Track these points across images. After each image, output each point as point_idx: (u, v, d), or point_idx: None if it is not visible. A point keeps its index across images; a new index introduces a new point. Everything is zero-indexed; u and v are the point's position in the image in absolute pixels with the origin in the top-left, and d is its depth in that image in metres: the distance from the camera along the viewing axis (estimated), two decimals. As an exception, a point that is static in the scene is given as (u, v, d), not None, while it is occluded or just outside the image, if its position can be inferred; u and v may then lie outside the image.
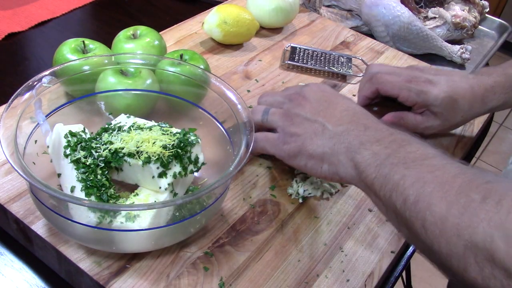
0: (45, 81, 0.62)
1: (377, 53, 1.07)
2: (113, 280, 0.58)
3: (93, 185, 0.57)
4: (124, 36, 0.83)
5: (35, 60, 0.95)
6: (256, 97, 0.88)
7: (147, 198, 0.59)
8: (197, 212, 0.59)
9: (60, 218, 0.55)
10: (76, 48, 0.76)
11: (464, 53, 1.14)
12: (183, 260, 0.61)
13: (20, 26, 1.01)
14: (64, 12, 1.07)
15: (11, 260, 0.63)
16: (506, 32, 1.30)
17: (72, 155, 0.58)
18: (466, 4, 1.23)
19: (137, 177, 0.60)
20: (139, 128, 0.61)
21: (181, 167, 0.60)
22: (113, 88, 0.70)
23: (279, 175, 0.75)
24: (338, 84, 0.96)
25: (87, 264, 0.58)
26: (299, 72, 0.97)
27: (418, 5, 1.24)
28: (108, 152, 0.58)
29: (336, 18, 1.19)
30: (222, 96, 0.67)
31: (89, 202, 0.54)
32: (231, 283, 0.60)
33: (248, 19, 0.98)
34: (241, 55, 0.98)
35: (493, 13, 1.87)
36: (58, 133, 0.60)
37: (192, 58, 0.79)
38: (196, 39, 1.00)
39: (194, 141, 0.61)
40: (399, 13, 1.10)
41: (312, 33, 1.10)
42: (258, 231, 0.67)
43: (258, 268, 0.62)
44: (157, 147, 0.58)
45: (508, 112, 2.93)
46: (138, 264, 0.60)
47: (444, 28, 1.18)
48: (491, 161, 2.59)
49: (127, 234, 0.56)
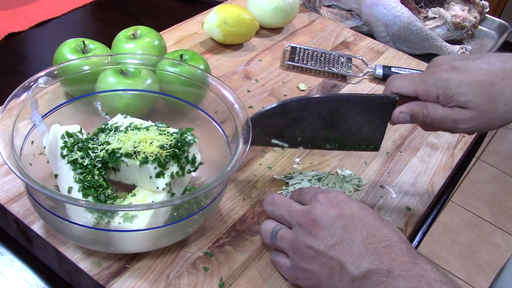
0: (41, 81, 0.62)
1: (377, 53, 1.07)
2: (113, 280, 0.58)
3: (91, 186, 0.57)
4: (124, 36, 0.83)
5: (35, 60, 0.95)
6: (256, 97, 0.89)
7: (144, 198, 0.59)
8: (195, 212, 0.59)
9: (58, 219, 0.55)
10: (76, 48, 0.76)
11: (464, 53, 1.14)
12: (183, 260, 0.61)
13: (20, 26, 1.01)
14: (64, 12, 1.07)
15: (11, 260, 0.63)
16: (506, 32, 1.30)
17: (69, 156, 0.58)
18: (466, 4, 1.23)
19: (134, 178, 0.60)
20: (136, 128, 0.61)
21: (178, 167, 0.60)
22: (113, 88, 0.70)
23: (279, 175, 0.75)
24: (338, 84, 0.96)
25: (87, 264, 0.59)
26: (299, 72, 0.97)
27: (418, 5, 1.24)
28: (105, 153, 0.58)
29: (336, 18, 1.19)
30: (220, 96, 0.67)
31: (86, 203, 0.54)
32: (231, 283, 0.60)
33: (248, 19, 0.98)
34: (241, 55, 0.98)
35: (493, 13, 1.86)
36: (54, 134, 0.60)
37: (192, 58, 0.79)
38: (196, 39, 1.00)
39: (191, 141, 0.61)
40: (399, 13, 1.10)
41: (312, 33, 1.10)
42: (258, 231, 0.67)
43: (258, 268, 0.62)
44: (154, 147, 0.58)
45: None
46: (138, 264, 0.60)
47: (444, 28, 1.18)
48: (491, 161, 2.59)
49: (125, 235, 0.56)
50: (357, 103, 0.68)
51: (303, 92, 0.92)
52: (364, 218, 0.57)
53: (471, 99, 0.62)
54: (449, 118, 0.64)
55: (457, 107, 0.63)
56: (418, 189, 0.78)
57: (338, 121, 0.69)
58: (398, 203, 0.75)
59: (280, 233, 0.59)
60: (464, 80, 0.62)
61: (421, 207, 0.75)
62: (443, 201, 0.82)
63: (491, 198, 2.38)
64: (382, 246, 0.54)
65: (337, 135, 0.71)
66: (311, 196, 0.60)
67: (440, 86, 0.63)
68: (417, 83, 0.65)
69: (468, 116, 0.63)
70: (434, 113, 0.64)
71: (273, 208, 0.61)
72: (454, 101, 0.63)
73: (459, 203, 2.33)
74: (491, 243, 2.17)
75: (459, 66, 0.63)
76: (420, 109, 0.65)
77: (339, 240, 0.55)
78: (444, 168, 0.82)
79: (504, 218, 2.29)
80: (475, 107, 0.62)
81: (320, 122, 0.69)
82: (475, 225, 2.24)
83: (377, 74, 0.98)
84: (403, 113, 0.66)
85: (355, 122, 0.70)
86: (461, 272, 2.03)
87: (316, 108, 0.68)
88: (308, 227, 0.57)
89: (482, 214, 2.29)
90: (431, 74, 0.64)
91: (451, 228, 2.21)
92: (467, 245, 2.14)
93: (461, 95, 0.62)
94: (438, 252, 2.09)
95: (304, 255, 0.57)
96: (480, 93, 0.62)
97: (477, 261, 2.08)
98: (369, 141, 0.72)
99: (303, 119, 0.69)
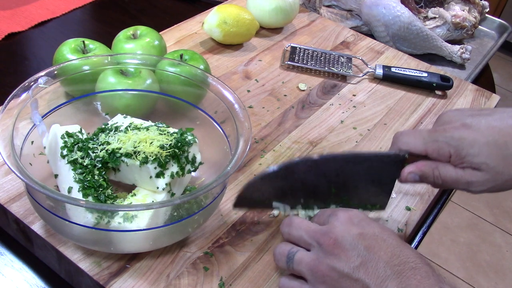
0: (41, 81, 0.62)
1: (377, 53, 1.07)
2: (113, 280, 0.58)
3: (91, 186, 0.57)
4: (124, 36, 0.83)
5: (35, 60, 0.95)
6: (256, 97, 0.89)
7: (144, 198, 0.59)
8: (195, 212, 0.59)
9: (58, 219, 0.55)
10: (76, 48, 0.77)
11: (464, 53, 1.14)
12: (183, 260, 0.61)
13: (20, 26, 1.01)
14: (64, 12, 1.07)
15: (11, 260, 0.63)
16: (506, 32, 1.30)
17: (69, 156, 0.58)
18: (466, 4, 1.23)
19: (134, 178, 0.60)
20: (136, 128, 0.61)
21: (178, 167, 0.60)
22: (113, 88, 0.70)
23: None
24: (338, 84, 0.96)
25: (87, 264, 0.59)
26: (299, 72, 0.97)
27: (418, 5, 1.24)
28: (105, 153, 0.58)
29: (336, 18, 1.19)
30: (220, 96, 0.67)
31: (86, 203, 0.54)
32: (231, 283, 0.60)
33: (248, 19, 0.98)
34: (241, 55, 0.98)
35: (493, 13, 1.86)
36: (54, 134, 0.60)
37: (192, 58, 0.80)
38: (196, 39, 1.00)
39: (191, 141, 0.61)
40: (399, 13, 1.10)
41: (312, 33, 1.10)
42: (258, 231, 0.67)
43: (258, 268, 0.62)
44: (155, 147, 0.58)
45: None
46: (138, 264, 0.60)
47: (444, 28, 1.18)
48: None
49: (125, 235, 0.56)
50: (364, 162, 0.64)
51: (303, 92, 0.92)
52: (386, 238, 0.54)
53: (485, 161, 0.59)
54: (462, 180, 0.61)
55: (470, 168, 0.60)
56: (418, 189, 0.78)
57: (344, 181, 0.65)
58: (398, 203, 0.75)
59: (298, 256, 0.56)
60: (477, 140, 0.59)
61: (421, 207, 0.75)
62: (443, 201, 0.82)
63: (491, 198, 2.38)
64: (407, 268, 0.52)
65: (342, 195, 0.67)
66: (328, 215, 0.58)
67: (453, 146, 0.60)
68: (427, 141, 0.62)
69: (482, 178, 0.60)
70: (446, 175, 0.61)
71: (290, 230, 0.58)
72: (466, 162, 0.60)
73: (459, 203, 2.33)
74: (491, 243, 2.17)
75: (471, 124, 0.60)
76: (431, 170, 0.62)
77: (364, 261, 0.52)
78: (444, 168, 0.82)
79: (504, 218, 2.29)
80: (488, 169, 0.59)
81: (325, 183, 0.65)
82: (475, 225, 2.24)
83: (377, 74, 0.98)
84: (412, 173, 0.63)
85: (362, 182, 0.66)
86: (461, 272, 2.03)
87: (321, 169, 0.64)
88: (329, 247, 0.54)
89: (482, 214, 2.29)
90: (442, 132, 0.61)
91: (451, 228, 2.21)
92: (467, 245, 2.14)
93: (474, 156, 0.59)
94: (438, 252, 2.09)
95: (325, 278, 0.53)
96: (494, 154, 0.59)
97: (477, 261, 2.08)
98: (375, 200, 0.68)
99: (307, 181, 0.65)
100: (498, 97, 1.02)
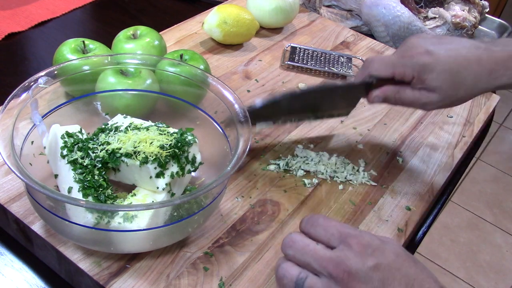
0: (41, 81, 0.62)
1: (377, 53, 1.07)
2: (113, 280, 0.58)
3: (91, 186, 0.57)
4: (124, 36, 0.83)
5: (35, 60, 0.95)
6: (256, 97, 0.89)
7: (144, 199, 0.59)
8: (195, 212, 0.59)
9: (58, 219, 0.55)
10: (76, 48, 0.77)
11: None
12: (183, 260, 0.61)
13: (20, 26, 1.01)
14: (64, 12, 1.07)
15: (11, 260, 0.63)
16: (506, 32, 1.30)
17: (69, 156, 0.58)
18: (466, 4, 1.23)
19: (134, 178, 0.60)
20: (136, 128, 0.61)
21: (178, 167, 0.60)
22: (113, 88, 0.70)
23: (279, 175, 0.75)
24: (338, 84, 0.96)
25: (87, 264, 0.59)
26: (299, 72, 0.97)
27: (418, 5, 1.24)
28: (105, 153, 0.58)
29: (336, 18, 1.19)
30: (220, 96, 0.67)
31: (86, 203, 0.54)
32: (231, 283, 0.60)
33: (248, 19, 0.98)
34: (241, 55, 0.98)
35: (493, 13, 1.87)
36: (54, 134, 0.60)
37: (192, 58, 0.80)
38: (196, 39, 1.00)
39: (191, 141, 0.61)
40: (399, 13, 1.10)
41: (312, 33, 1.10)
42: (258, 231, 0.67)
43: (258, 268, 0.62)
44: (155, 147, 0.58)
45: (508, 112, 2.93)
46: (138, 264, 0.60)
47: (444, 28, 1.18)
48: (491, 161, 2.59)
49: (125, 235, 0.56)
50: (338, 89, 0.77)
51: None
52: (401, 267, 0.52)
53: (440, 85, 0.69)
54: (418, 101, 0.72)
55: (425, 90, 0.70)
56: (418, 189, 0.78)
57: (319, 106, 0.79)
58: (398, 203, 0.75)
59: (309, 283, 0.52)
60: (436, 66, 0.69)
61: (421, 207, 0.75)
62: (443, 201, 0.82)
63: (491, 198, 2.37)
64: None
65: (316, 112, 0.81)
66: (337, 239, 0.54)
67: (416, 70, 0.69)
68: (396, 65, 0.71)
69: (435, 99, 0.71)
70: (405, 97, 0.72)
71: (295, 253, 0.54)
72: (425, 84, 0.70)
73: (459, 203, 2.33)
74: (491, 243, 2.17)
75: (433, 52, 0.69)
76: (392, 93, 0.73)
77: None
78: (444, 168, 0.82)
79: (504, 218, 2.29)
80: (441, 91, 0.70)
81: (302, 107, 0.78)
82: (475, 225, 2.24)
83: (377, 74, 0.98)
84: (377, 97, 0.73)
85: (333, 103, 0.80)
86: (461, 272, 2.03)
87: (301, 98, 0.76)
88: (343, 281, 0.50)
89: (482, 214, 2.29)
90: (409, 58, 0.70)
91: (451, 228, 2.21)
92: (467, 245, 2.14)
93: (432, 80, 0.69)
94: (438, 252, 2.09)
95: None
96: (447, 80, 0.69)
97: (477, 261, 2.08)
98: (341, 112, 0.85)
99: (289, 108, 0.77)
100: (498, 97, 1.02)
